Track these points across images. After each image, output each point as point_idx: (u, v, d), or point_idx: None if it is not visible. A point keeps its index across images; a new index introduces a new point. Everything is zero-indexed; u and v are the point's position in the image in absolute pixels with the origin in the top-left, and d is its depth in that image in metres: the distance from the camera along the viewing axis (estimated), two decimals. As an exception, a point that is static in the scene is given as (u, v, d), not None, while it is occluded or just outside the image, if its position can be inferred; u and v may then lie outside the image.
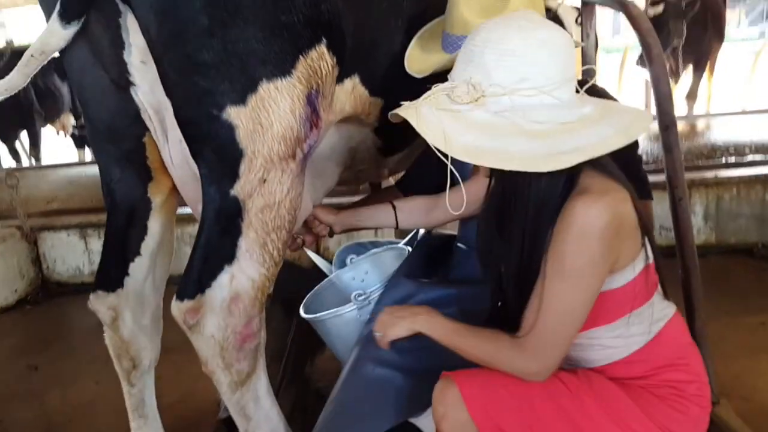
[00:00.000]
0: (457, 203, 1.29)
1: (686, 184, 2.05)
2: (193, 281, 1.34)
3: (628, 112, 1.14)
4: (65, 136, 7.96)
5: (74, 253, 3.59)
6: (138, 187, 1.51)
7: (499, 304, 1.35)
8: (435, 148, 1.10)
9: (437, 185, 1.61)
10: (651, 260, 1.21)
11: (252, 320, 1.40)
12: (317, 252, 3.39)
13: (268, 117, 1.30)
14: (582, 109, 1.12)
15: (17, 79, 1.39)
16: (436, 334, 1.26)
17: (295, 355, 2.46)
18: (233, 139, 1.29)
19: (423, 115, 1.13)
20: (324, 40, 1.34)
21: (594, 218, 1.08)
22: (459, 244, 1.73)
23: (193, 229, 2.03)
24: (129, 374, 1.62)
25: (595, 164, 1.14)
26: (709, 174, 3.19)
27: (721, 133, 4.43)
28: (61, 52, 1.38)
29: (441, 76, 1.27)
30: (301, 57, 1.31)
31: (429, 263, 1.70)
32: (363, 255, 1.85)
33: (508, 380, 1.19)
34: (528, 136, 1.07)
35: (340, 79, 1.46)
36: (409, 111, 1.15)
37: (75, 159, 7.83)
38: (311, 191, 1.59)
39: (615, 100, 1.58)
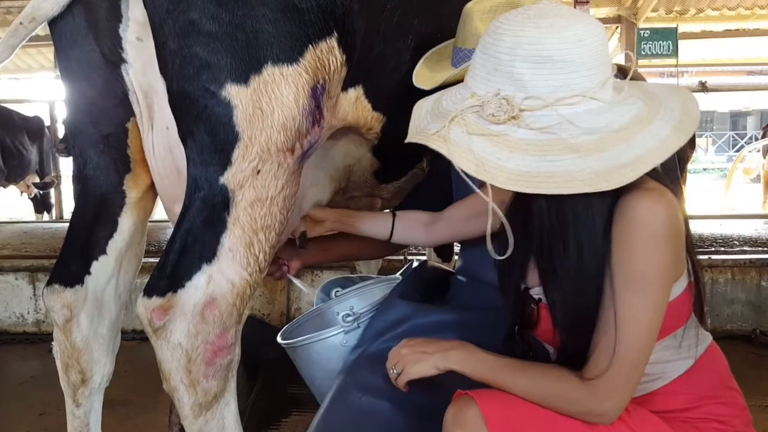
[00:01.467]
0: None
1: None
2: (165, 276, 1.21)
3: (672, 99, 1.06)
4: (29, 197, 7.81)
5: (20, 299, 3.37)
6: (113, 177, 1.40)
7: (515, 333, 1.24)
8: (463, 172, 0.98)
9: (437, 210, 1.54)
10: (692, 277, 1.12)
11: (227, 331, 1.26)
12: (288, 309, 3.24)
13: (269, 103, 1.23)
14: (630, 108, 1.02)
15: (2, 52, 1.31)
16: (476, 371, 1.10)
17: (256, 422, 2.28)
18: (230, 120, 1.21)
19: (455, 142, 1.00)
20: (335, 34, 1.30)
21: (661, 217, 0.99)
22: (458, 277, 1.63)
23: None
24: (76, 390, 1.43)
25: None
26: (702, 257, 3.18)
27: (705, 228, 4.50)
28: (51, 21, 1.32)
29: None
30: (310, 46, 1.26)
31: (425, 291, 1.59)
32: (350, 288, 1.72)
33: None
34: (581, 152, 0.96)
35: (344, 87, 1.42)
36: (436, 139, 1.02)
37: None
38: (302, 201, 1.51)
39: None
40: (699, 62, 10.13)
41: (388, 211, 1.60)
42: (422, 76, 1.54)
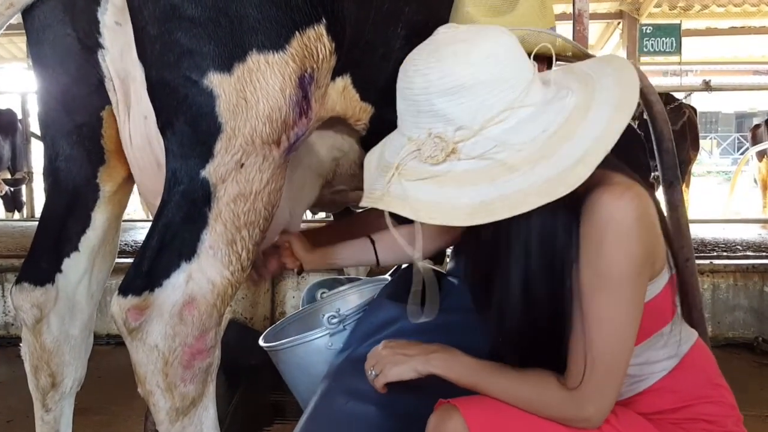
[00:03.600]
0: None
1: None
2: (142, 274, 1.20)
3: (605, 74, 1.07)
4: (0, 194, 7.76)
5: (-13, 300, 3.33)
6: (86, 170, 1.39)
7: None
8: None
9: None
10: (674, 271, 1.13)
11: (206, 333, 1.25)
12: (272, 313, 3.23)
13: (254, 92, 1.23)
14: (564, 102, 1.03)
15: None
16: (458, 375, 1.12)
17: (237, 430, 2.27)
18: (212, 110, 1.20)
19: (398, 196, 1.03)
20: (324, 20, 1.30)
21: (626, 211, 1.00)
22: (450, 278, 1.63)
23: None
24: (46, 395, 1.42)
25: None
26: (704, 261, 3.20)
27: (708, 232, 4.54)
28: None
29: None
30: (297, 33, 1.26)
31: (415, 292, 1.58)
32: (337, 289, 1.72)
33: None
34: (527, 165, 0.97)
35: (332, 76, 1.42)
36: (379, 200, 1.06)
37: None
38: (290, 202, 1.50)
39: None
40: (703, 60, 10.21)
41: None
42: None
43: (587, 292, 1.03)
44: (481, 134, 1.00)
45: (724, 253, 3.70)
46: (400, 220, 1.50)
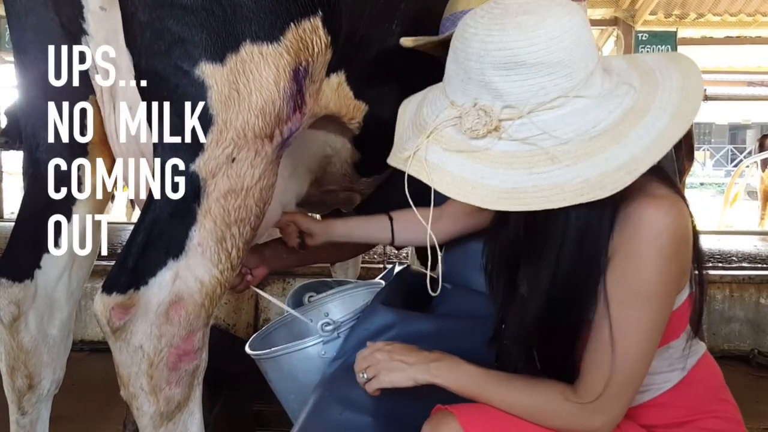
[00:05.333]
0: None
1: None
2: (127, 271, 1.19)
3: (671, 77, 1.03)
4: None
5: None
6: (68, 163, 1.37)
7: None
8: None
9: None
10: (695, 287, 1.13)
11: (193, 334, 1.24)
12: (256, 320, 3.21)
13: (247, 84, 1.22)
14: (621, 99, 0.99)
15: None
16: (460, 385, 1.11)
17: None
18: (203, 102, 1.19)
19: (434, 163, 0.99)
20: (320, 13, 1.30)
21: (671, 229, 0.98)
22: (444, 284, 1.62)
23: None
24: (22, 397, 1.40)
25: None
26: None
27: (703, 243, 4.57)
28: None
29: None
30: (292, 25, 1.25)
31: (408, 298, 1.57)
32: (325, 293, 1.70)
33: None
34: (569, 160, 0.93)
35: (326, 73, 1.42)
36: (412, 162, 1.01)
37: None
38: (282, 194, 1.49)
39: None
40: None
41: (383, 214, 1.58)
42: (407, 39, 1.55)
43: (617, 304, 1.01)
44: (529, 117, 0.96)
45: (720, 264, 3.74)
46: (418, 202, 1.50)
